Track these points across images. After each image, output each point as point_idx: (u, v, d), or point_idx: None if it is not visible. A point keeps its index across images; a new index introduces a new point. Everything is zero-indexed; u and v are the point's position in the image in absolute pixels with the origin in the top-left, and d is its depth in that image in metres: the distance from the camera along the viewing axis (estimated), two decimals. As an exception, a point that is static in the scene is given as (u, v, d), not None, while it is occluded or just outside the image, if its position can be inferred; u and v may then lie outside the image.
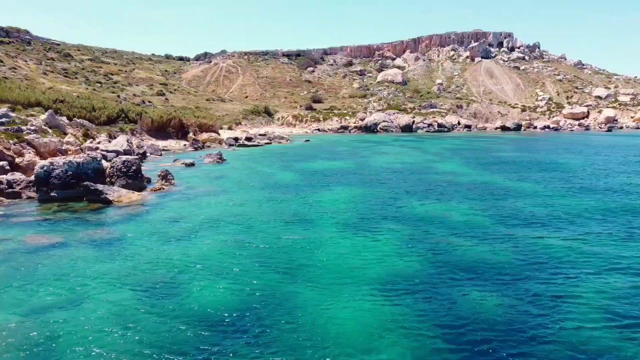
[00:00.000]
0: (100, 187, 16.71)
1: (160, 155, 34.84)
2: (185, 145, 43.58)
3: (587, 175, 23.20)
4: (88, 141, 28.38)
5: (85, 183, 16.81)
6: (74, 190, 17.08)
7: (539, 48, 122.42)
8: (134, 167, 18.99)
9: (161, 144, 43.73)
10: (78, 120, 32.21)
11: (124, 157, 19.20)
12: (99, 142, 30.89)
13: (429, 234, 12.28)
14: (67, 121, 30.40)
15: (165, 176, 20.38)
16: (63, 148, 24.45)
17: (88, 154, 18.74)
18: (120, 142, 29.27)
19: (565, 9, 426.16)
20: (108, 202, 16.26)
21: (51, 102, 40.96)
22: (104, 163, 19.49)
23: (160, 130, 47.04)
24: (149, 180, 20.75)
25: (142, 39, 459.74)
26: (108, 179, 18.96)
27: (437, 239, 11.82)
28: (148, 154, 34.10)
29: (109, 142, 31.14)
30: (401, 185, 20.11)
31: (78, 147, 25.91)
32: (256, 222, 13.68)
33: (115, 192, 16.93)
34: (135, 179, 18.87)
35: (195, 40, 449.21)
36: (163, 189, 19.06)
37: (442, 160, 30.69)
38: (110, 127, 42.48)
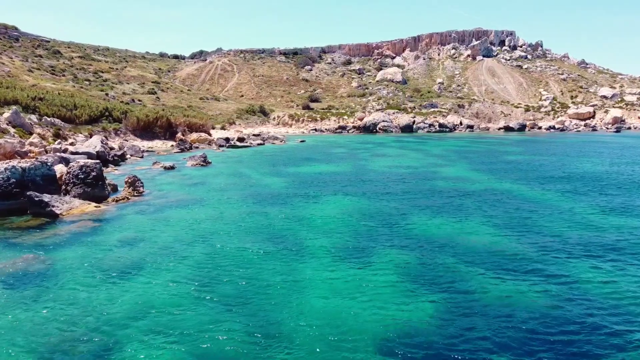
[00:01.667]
0: (46, 198, 13.95)
1: (142, 157, 32.05)
2: (172, 146, 40.79)
3: (622, 183, 20.20)
4: (56, 142, 25.58)
5: (29, 193, 14.04)
6: (16, 201, 14.33)
7: (541, 47, 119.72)
8: (93, 174, 16.21)
9: (146, 144, 41.02)
10: (48, 119, 29.39)
11: (82, 162, 16.42)
12: (71, 143, 28.16)
13: (448, 270, 9.46)
14: (35, 120, 27.59)
15: (133, 183, 17.62)
16: (24, 150, 21.68)
17: (37, 158, 15.96)
18: (94, 143, 26.48)
19: (566, 8, 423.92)
20: (54, 216, 13.50)
21: (29, 100, 38.31)
22: (60, 169, 16.73)
23: (147, 130, 44.33)
24: (114, 188, 17.99)
25: (141, 39, 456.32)
26: (64, 187, 16.22)
27: (459, 279, 9.06)
28: (128, 156, 31.34)
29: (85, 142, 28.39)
30: (406, 196, 17.33)
31: (42, 149, 23.15)
32: (227, 248, 10.90)
33: (65, 204, 14.18)
34: (94, 187, 16.10)
35: (193, 40, 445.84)
36: (127, 198, 16.30)
37: (448, 164, 27.95)
38: (92, 127, 39.86)
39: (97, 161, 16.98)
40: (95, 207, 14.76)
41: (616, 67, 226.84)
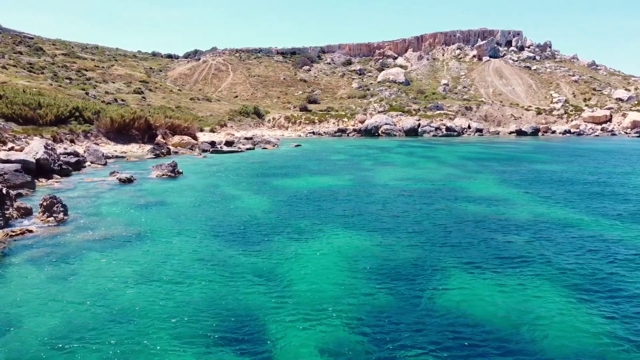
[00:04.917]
0: None
1: (105, 164, 27.04)
2: (149, 150, 35.75)
3: None
4: (-15, 147, 20.56)
5: None
6: None
7: (550, 47, 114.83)
8: (-18, 197, 11.20)
9: (120, 148, 36.12)
10: (-15, 119, 24.32)
11: (-34, 180, 11.41)
12: (10, 148, 23.15)
13: None
14: (-34, 120, 22.55)
15: (50, 207, 12.62)
16: None
17: None
18: (35, 148, 21.45)
19: (570, 9, 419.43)
20: None
21: (-14, 98, 33.65)
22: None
23: (122, 132, 39.35)
24: (26, 213, 12.95)
25: (141, 39, 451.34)
26: (-58, 216, 11.20)
27: None
28: (88, 163, 26.38)
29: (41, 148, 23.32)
30: (431, 232, 12.18)
31: (-41, 157, 18.11)
32: (151, 341, 5.85)
33: None
34: (-17, 217, 11.09)
35: (192, 40, 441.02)
36: (30, 231, 11.26)
37: (471, 177, 22.90)
38: (58, 128, 35.03)
39: (-8, 178, 11.95)
40: (-31, 250, 9.72)
41: (626, 69, 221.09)
